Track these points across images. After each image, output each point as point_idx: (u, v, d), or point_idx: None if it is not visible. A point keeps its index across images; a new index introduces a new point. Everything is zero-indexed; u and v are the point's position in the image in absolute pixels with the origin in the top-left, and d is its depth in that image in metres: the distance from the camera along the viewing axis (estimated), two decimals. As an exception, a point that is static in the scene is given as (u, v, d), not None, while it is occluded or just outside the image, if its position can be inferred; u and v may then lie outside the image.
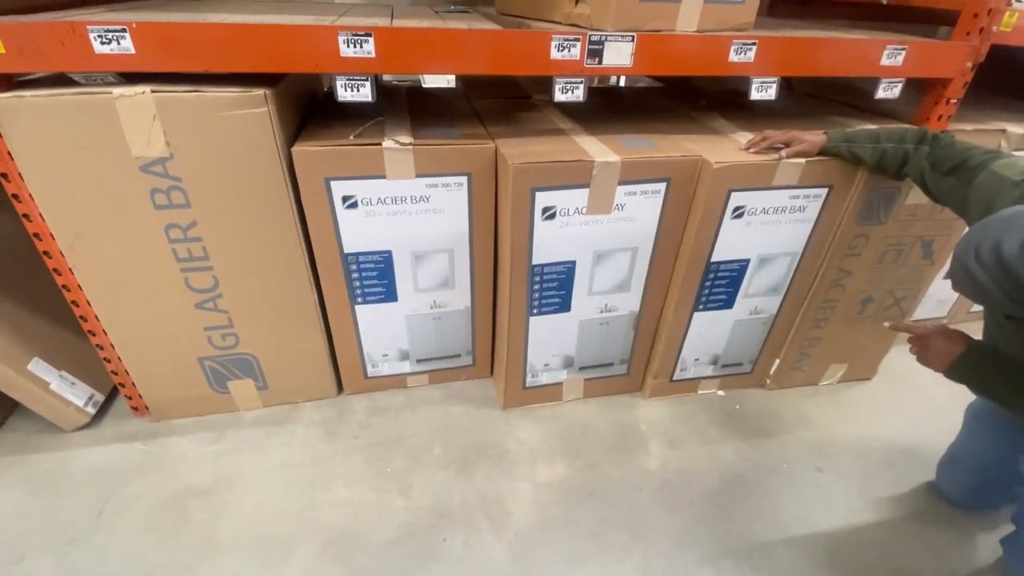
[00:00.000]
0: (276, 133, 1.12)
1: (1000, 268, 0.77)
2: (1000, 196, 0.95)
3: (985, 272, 0.79)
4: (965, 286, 0.84)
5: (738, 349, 1.57)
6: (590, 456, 1.43)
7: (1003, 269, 0.77)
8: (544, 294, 1.35)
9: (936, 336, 1.05)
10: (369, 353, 1.50)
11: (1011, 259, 0.76)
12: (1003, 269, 0.77)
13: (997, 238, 0.78)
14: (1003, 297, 0.79)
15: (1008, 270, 0.76)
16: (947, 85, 1.37)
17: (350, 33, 1.04)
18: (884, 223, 1.37)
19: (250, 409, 1.54)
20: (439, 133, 1.26)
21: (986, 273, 0.79)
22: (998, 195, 0.95)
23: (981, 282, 0.80)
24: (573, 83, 1.18)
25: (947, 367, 1.01)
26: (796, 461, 1.45)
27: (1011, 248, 0.76)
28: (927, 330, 1.07)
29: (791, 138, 1.23)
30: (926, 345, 1.05)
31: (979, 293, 0.82)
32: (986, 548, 1.25)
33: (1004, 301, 0.79)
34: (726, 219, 1.26)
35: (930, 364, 1.04)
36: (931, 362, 1.04)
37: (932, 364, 1.04)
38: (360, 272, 1.33)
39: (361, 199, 1.22)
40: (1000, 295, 0.79)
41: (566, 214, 1.22)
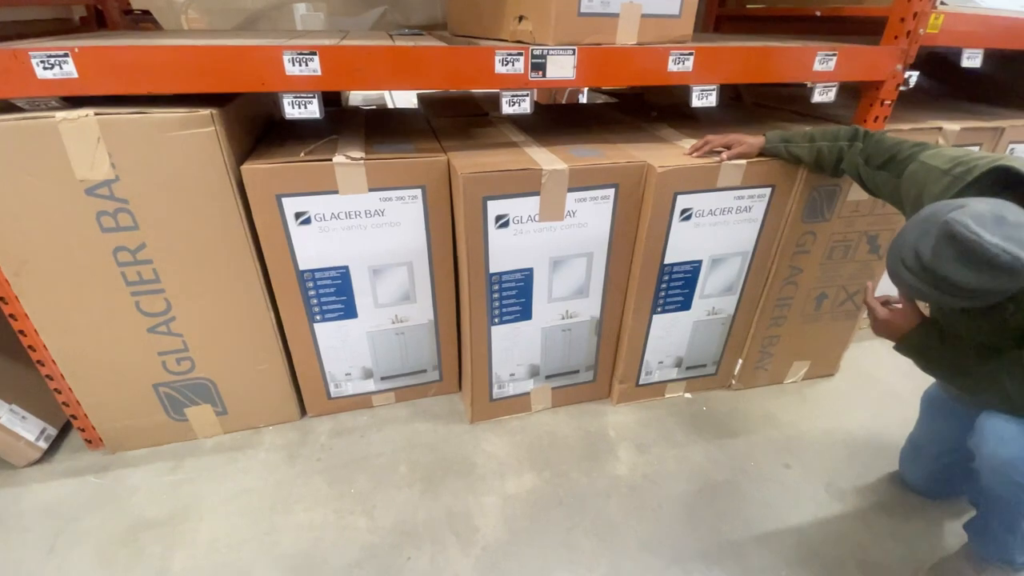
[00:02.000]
0: (225, 152, 1.12)
1: (926, 272, 0.82)
2: (930, 184, 0.99)
3: (915, 277, 0.84)
4: (906, 291, 0.88)
5: (700, 350, 1.59)
6: (559, 465, 1.42)
7: (928, 272, 0.81)
8: (504, 302, 1.36)
9: (890, 310, 1.07)
10: (331, 373, 1.48)
11: (931, 263, 0.80)
12: (928, 272, 0.81)
13: (915, 246, 0.83)
14: (941, 295, 0.83)
15: (933, 273, 0.81)
16: (880, 87, 1.44)
17: (295, 52, 1.06)
18: (829, 220, 1.42)
19: (209, 436, 1.50)
20: (393, 148, 1.28)
21: (916, 277, 0.83)
22: (928, 184, 1.00)
23: (917, 287, 0.84)
24: (519, 96, 1.22)
25: (898, 339, 1.04)
26: (763, 459, 1.46)
27: (926, 252, 0.81)
28: (888, 299, 1.10)
29: (731, 141, 1.28)
30: (880, 318, 1.07)
31: (919, 295, 0.86)
32: (952, 535, 1.27)
33: (944, 298, 0.83)
34: (675, 222, 1.30)
35: (883, 333, 1.07)
36: (884, 332, 1.06)
37: (885, 333, 1.06)
38: (317, 289, 1.33)
39: (314, 215, 1.22)
40: (938, 294, 0.83)
41: (520, 222, 1.24)
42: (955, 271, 0.78)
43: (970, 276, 0.78)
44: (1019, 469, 0.92)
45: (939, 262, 0.79)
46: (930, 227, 0.81)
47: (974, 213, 0.78)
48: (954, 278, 0.79)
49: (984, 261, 0.76)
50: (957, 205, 0.81)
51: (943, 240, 0.78)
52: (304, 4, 2.07)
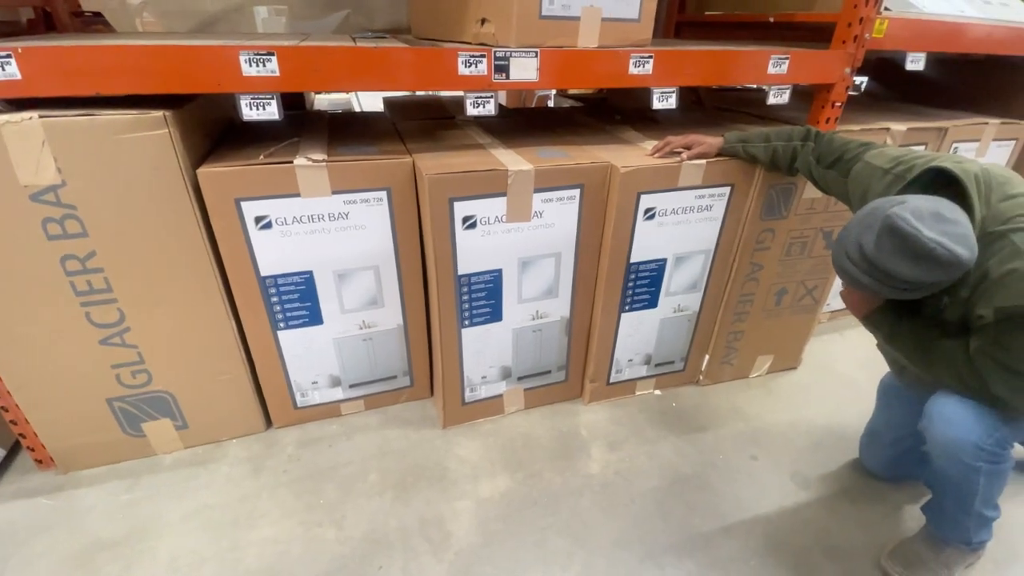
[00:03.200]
0: (180, 155, 1.09)
1: (869, 264, 0.86)
2: (874, 183, 1.04)
3: (859, 269, 0.88)
4: (850, 284, 0.92)
5: (668, 347, 1.62)
6: (532, 466, 1.42)
7: (871, 264, 0.86)
8: (474, 304, 1.35)
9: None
10: (297, 382, 1.45)
11: (873, 255, 0.85)
12: (871, 264, 0.86)
13: (858, 239, 0.87)
14: (882, 287, 0.88)
15: (874, 265, 0.85)
16: (831, 90, 1.51)
17: (252, 52, 1.04)
18: (786, 218, 1.46)
19: (169, 452, 1.44)
20: (357, 150, 1.27)
21: (859, 269, 0.88)
22: (872, 182, 1.05)
23: (860, 279, 0.88)
24: (483, 98, 1.22)
25: (864, 313, 1.08)
26: (731, 452, 1.49)
27: (869, 245, 0.85)
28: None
29: (691, 141, 1.31)
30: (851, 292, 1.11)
31: (862, 287, 0.90)
32: (911, 518, 1.31)
33: (886, 290, 0.88)
34: (639, 221, 1.32)
35: (852, 307, 1.11)
36: (853, 306, 1.10)
37: (854, 308, 1.10)
38: (280, 296, 1.29)
39: (275, 219, 1.19)
40: (879, 286, 0.88)
41: (487, 223, 1.24)
42: (895, 264, 0.83)
43: (909, 269, 0.82)
44: (966, 450, 0.97)
45: (880, 255, 0.83)
46: (873, 222, 0.85)
47: (914, 209, 0.82)
48: (894, 270, 0.83)
49: (922, 255, 0.80)
50: (898, 201, 0.85)
51: (885, 233, 0.82)
52: (265, 7, 2.04)
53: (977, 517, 1.07)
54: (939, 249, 0.80)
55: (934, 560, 1.14)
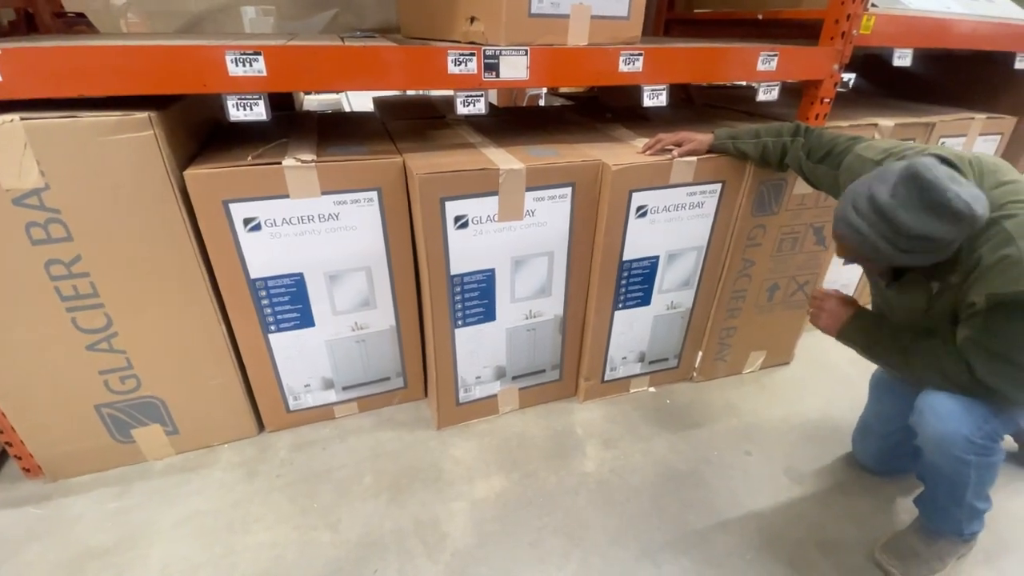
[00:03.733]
0: (166, 157, 1.07)
1: (877, 215, 0.85)
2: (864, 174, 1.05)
3: (864, 221, 0.87)
4: (849, 240, 0.90)
5: (662, 344, 1.62)
6: (527, 466, 1.42)
7: (880, 215, 0.85)
8: (467, 304, 1.34)
9: (831, 299, 1.13)
10: (289, 385, 1.43)
11: (884, 204, 0.84)
12: (880, 215, 0.85)
13: (869, 191, 0.87)
14: (884, 243, 0.86)
15: (884, 215, 0.85)
16: (819, 86, 1.51)
17: (238, 52, 1.02)
18: (777, 213, 1.47)
19: (160, 458, 1.42)
20: (346, 151, 1.26)
21: (865, 222, 0.87)
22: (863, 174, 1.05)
23: (863, 232, 0.87)
24: (474, 97, 1.22)
25: (838, 330, 1.08)
26: (725, 448, 1.49)
27: (883, 195, 0.85)
28: (824, 293, 1.15)
29: (682, 138, 1.31)
30: (821, 307, 1.12)
31: (863, 244, 0.89)
32: (904, 510, 1.32)
33: (886, 248, 0.87)
34: (631, 219, 1.32)
35: (822, 326, 1.12)
36: (824, 324, 1.11)
37: (824, 326, 1.11)
38: (270, 298, 1.28)
39: (264, 221, 1.18)
40: (881, 242, 0.87)
41: (479, 222, 1.23)
42: (907, 214, 0.82)
43: (920, 220, 0.82)
44: (957, 444, 0.97)
45: (894, 203, 0.83)
46: (888, 176, 0.85)
47: (934, 164, 0.83)
48: (904, 222, 0.83)
49: (939, 204, 0.81)
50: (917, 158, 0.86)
51: (904, 181, 0.83)
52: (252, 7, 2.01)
53: (969, 509, 1.08)
54: (957, 200, 0.80)
55: (927, 552, 1.15)
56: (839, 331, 1.09)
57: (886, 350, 1.06)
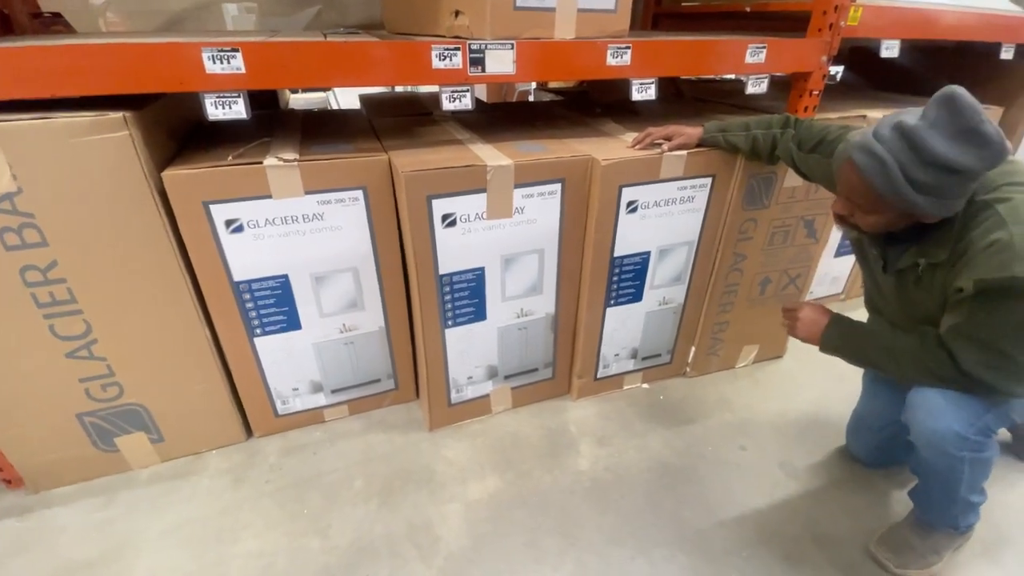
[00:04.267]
0: (143, 158, 1.04)
1: (903, 139, 0.81)
2: None
3: (886, 147, 0.82)
4: (865, 172, 0.85)
5: (654, 340, 1.61)
6: (521, 465, 1.40)
7: (906, 139, 0.81)
8: (457, 304, 1.32)
9: (803, 309, 1.12)
10: (276, 389, 1.41)
11: (913, 127, 0.80)
12: (906, 139, 0.81)
13: (895, 120, 0.83)
14: (902, 177, 0.82)
15: (911, 138, 0.80)
16: (808, 79, 1.51)
17: (215, 49, 0.99)
18: (768, 207, 1.46)
19: (145, 466, 1.39)
20: (330, 149, 1.23)
21: (887, 148, 0.82)
22: None
23: (883, 159, 0.82)
24: (459, 92, 1.19)
25: (818, 338, 1.08)
26: (720, 444, 1.48)
27: (912, 119, 0.81)
28: (795, 305, 1.15)
29: (671, 132, 1.29)
30: (795, 318, 1.12)
31: (879, 175, 0.83)
32: (898, 503, 1.32)
33: (902, 184, 0.82)
34: (622, 214, 1.30)
35: (802, 336, 1.11)
36: (802, 334, 1.11)
37: (804, 336, 1.11)
38: (255, 301, 1.25)
39: (247, 222, 1.15)
40: (899, 175, 0.82)
41: (467, 220, 1.21)
42: (935, 138, 0.79)
43: (948, 145, 0.78)
44: (950, 440, 0.96)
45: (923, 125, 0.79)
46: (917, 109, 0.83)
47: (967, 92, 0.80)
48: (932, 146, 0.79)
49: (971, 128, 0.78)
50: None
51: (938, 104, 0.79)
52: (234, 5, 1.98)
53: (963, 503, 1.08)
54: (989, 126, 0.78)
55: (922, 545, 1.15)
56: (821, 339, 1.09)
57: (874, 353, 1.04)
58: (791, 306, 1.17)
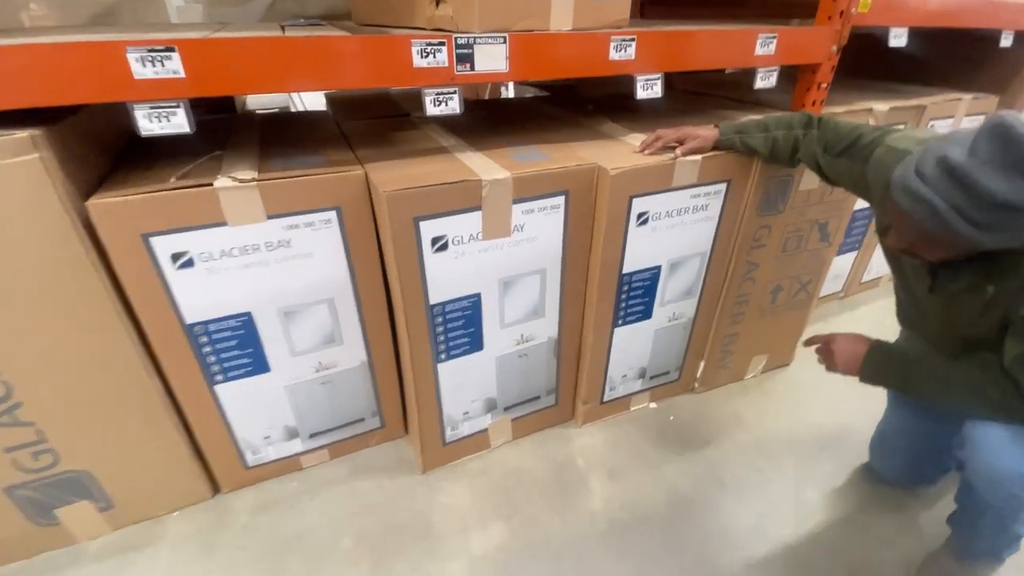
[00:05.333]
0: (59, 185, 0.85)
1: (950, 179, 0.71)
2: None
3: (932, 189, 0.72)
4: (913, 216, 0.75)
5: (663, 358, 1.49)
6: (527, 509, 1.26)
7: (954, 179, 0.71)
8: (450, 336, 1.17)
9: (836, 340, 1.02)
10: (245, 439, 1.23)
11: (961, 165, 0.70)
12: (954, 179, 0.71)
13: (939, 153, 0.72)
14: (958, 217, 0.72)
15: (959, 177, 0.70)
16: (816, 71, 1.40)
17: (144, 49, 0.80)
18: (783, 212, 1.35)
19: (94, 537, 1.19)
20: (296, 163, 1.05)
21: (933, 190, 0.72)
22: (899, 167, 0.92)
23: (931, 202, 0.73)
24: (445, 94, 1.03)
25: (858, 369, 0.97)
26: (738, 468, 1.38)
27: (959, 156, 0.70)
28: (828, 338, 1.04)
29: (684, 135, 1.16)
30: (830, 351, 1.02)
31: (930, 219, 0.74)
32: (931, 525, 1.24)
33: (959, 223, 0.72)
34: (631, 227, 1.17)
35: (841, 370, 1.01)
36: (841, 368, 1.01)
37: (843, 370, 1.00)
38: (213, 344, 1.07)
39: (198, 255, 0.97)
40: (954, 216, 0.72)
41: (460, 242, 1.06)
42: (988, 175, 0.68)
43: (1006, 182, 0.68)
44: (1013, 480, 0.87)
45: (974, 164, 0.69)
46: (962, 138, 0.72)
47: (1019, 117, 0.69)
48: (985, 184, 0.68)
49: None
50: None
51: (987, 137, 0.69)
52: (177, -8, 1.75)
53: (1012, 536, 1.00)
54: None
55: (963, 574, 1.07)
56: (861, 370, 0.98)
57: (924, 383, 0.94)
58: (822, 338, 1.06)
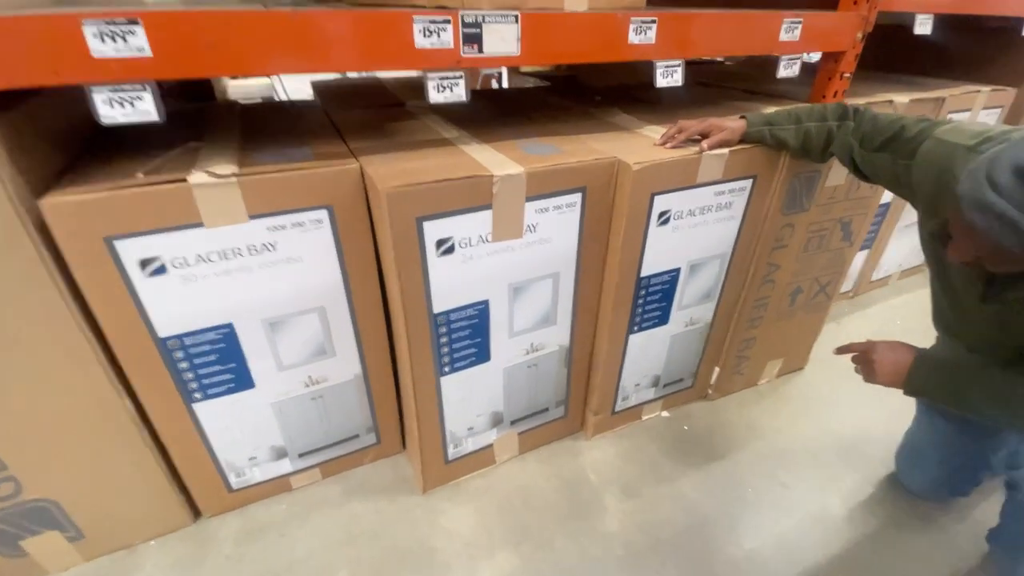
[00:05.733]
0: (8, 182, 0.73)
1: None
2: (954, 163, 0.83)
3: (1009, 202, 0.63)
4: (987, 232, 0.66)
5: (678, 365, 1.40)
6: (539, 533, 1.17)
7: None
8: (455, 347, 1.07)
9: (877, 349, 0.93)
10: (228, 461, 1.12)
11: None
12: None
13: (1015, 161, 0.63)
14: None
15: None
16: (840, 59, 1.31)
17: (103, 22, 0.69)
18: (808, 210, 1.27)
19: (64, 568, 1.08)
20: (281, 156, 0.94)
21: (1011, 203, 0.63)
22: (952, 162, 0.83)
23: (1012, 217, 0.64)
24: (450, 79, 0.92)
25: (903, 380, 0.89)
26: (758, 481, 1.30)
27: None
28: (866, 346, 0.96)
29: (709, 126, 1.07)
30: (870, 360, 0.93)
31: (1008, 235, 0.65)
32: (965, 541, 1.17)
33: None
34: (652, 227, 1.07)
35: (885, 381, 0.92)
36: (884, 380, 0.92)
37: (887, 383, 0.92)
38: (190, 360, 0.96)
39: (171, 260, 0.85)
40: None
41: (468, 245, 0.95)
42: None
43: None
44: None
45: None
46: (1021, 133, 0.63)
47: None
48: None
49: None
50: None
51: None
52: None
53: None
54: None
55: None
56: (907, 382, 0.90)
57: (979, 398, 0.85)
58: (860, 346, 0.97)
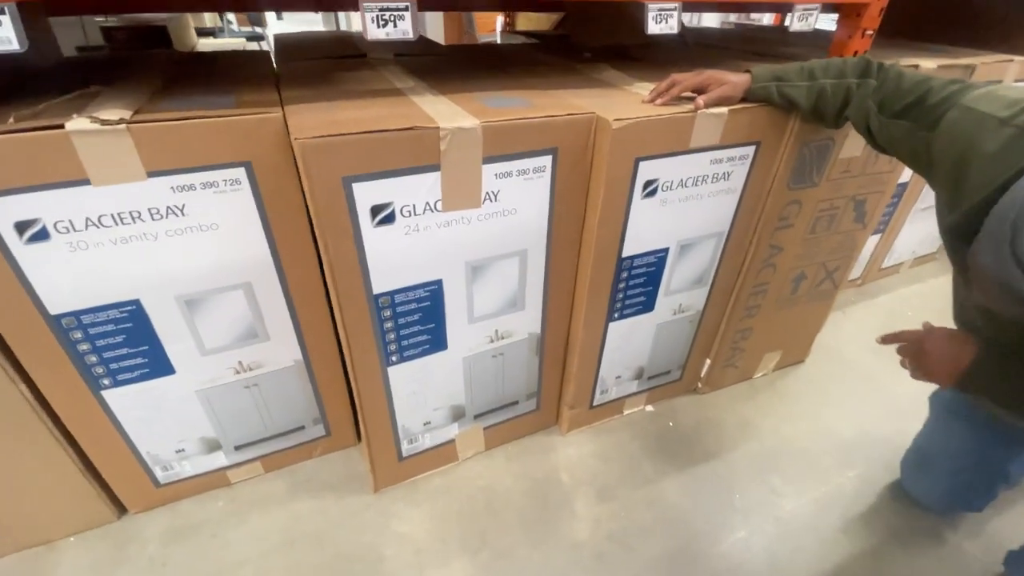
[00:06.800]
0: None
1: None
2: (982, 139, 0.66)
3: None
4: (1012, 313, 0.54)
5: (664, 356, 1.27)
6: (499, 539, 1.05)
7: None
8: (403, 333, 0.93)
9: (930, 339, 0.78)
10: (151, 453, 1.00)
11: None
12: None
13: None
14: None
15: None
16: (862, 13, 1.14)
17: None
18: (817, 185, 1.11)
19: (-35, 569, 0.97)
20: (196, 103, 0.79)
21: None
22: (978, 137, 0.66)
23: None
24: (391, 9, 0.76)
25: (959, 377, 0.75)
26: (749, 485, 1.18)
27: None
28: (918, 335, 0.81)
29: (707, 80, 0.91)
30: (923, 352, 0.78)
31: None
32: (973, 560, 1.06)
33: None
34: (636, 199, 0.92)
35: (936, 378, 0.78)
36: (940, 372, 0.77)
37: (941, 376, 0.77)
38: (90, 340, 0.82)
39: (54, 224, 0.71)
40: None
41: (412, 214, 0.81)
42: None
43: None
44: None
45: None
46: None
47: None
48: None
49: None
50: None
51: None
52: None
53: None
54: None
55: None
56: (965, 378, 0.75)
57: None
58: (909, 335, 0.82)
